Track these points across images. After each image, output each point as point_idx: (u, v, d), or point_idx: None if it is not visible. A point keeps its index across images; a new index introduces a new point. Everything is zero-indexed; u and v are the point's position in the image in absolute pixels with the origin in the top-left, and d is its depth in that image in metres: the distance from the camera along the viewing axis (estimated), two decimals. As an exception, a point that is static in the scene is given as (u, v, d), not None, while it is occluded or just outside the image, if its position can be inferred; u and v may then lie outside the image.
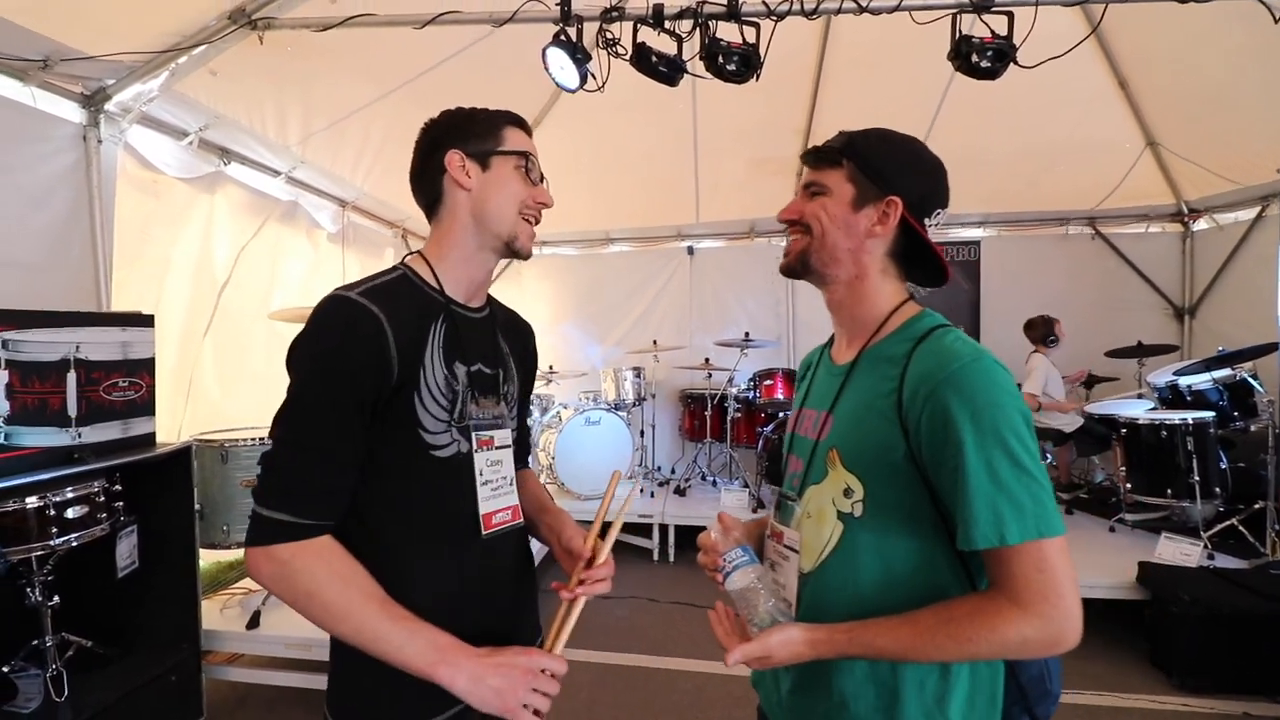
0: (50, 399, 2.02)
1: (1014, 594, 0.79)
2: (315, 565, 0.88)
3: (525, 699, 0.89)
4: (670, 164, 4.98)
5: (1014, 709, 0.94)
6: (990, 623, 0.79)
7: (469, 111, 1.08)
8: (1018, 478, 0.79)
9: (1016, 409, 0.82)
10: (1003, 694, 0.93)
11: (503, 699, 0.88)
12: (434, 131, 1.07)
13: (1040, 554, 0.78)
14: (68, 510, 2.00)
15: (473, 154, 1.05)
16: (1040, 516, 0.79)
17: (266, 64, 2.85)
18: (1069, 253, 5.42)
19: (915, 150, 1.00)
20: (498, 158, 1.06)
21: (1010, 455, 0.80)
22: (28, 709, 1.99)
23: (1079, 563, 0.80)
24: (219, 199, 3.44)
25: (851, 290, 1.01)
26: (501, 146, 1.06)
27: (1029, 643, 0.79)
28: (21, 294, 2.35)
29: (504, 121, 1.08)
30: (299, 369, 0.92)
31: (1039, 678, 0.95)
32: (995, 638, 0.79)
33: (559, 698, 0.96)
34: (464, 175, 1.05)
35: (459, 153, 1.05)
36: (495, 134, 1.07)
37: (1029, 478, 0.80)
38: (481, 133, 1.06)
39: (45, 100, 2.44)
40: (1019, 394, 0.85)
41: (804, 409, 1.11)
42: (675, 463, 5.67)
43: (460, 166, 1.05)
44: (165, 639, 2.36)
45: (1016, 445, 0.80)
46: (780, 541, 1.03)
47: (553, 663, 0.94)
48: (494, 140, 1.06)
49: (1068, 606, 0.79)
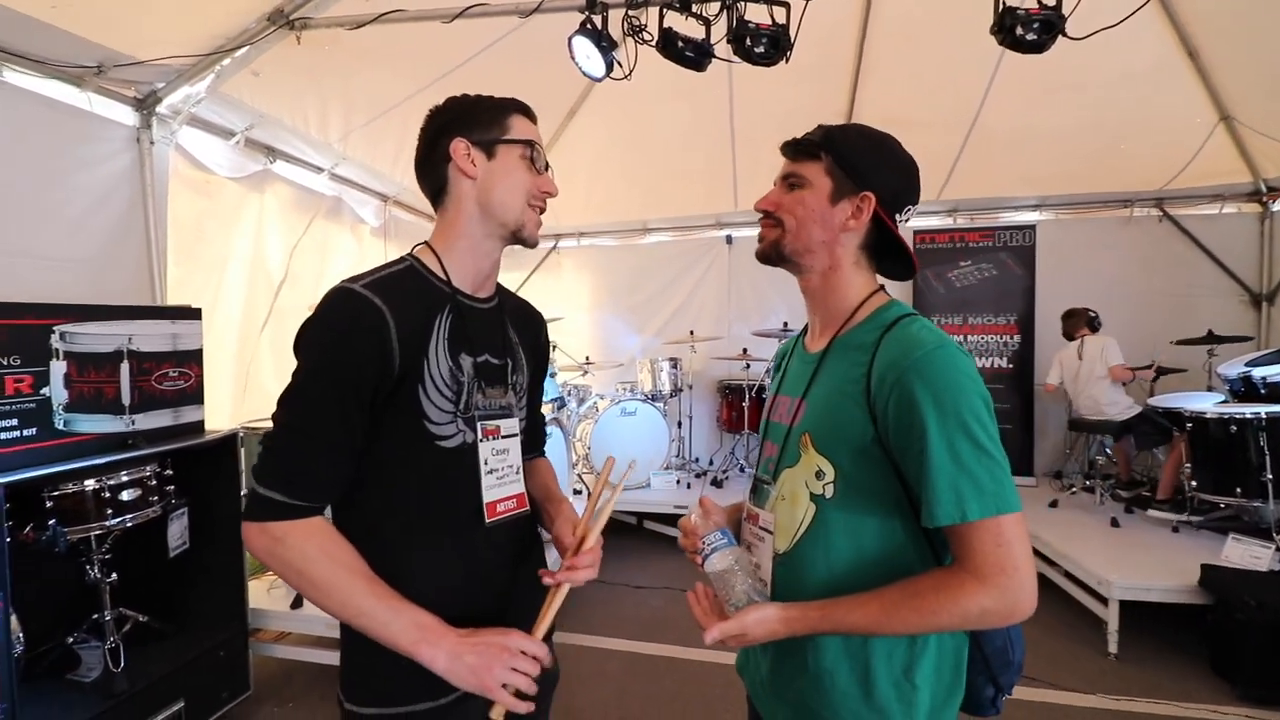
0: (105, 388, 2.14)
1: (974, 568, 0.84)
2: (305, 544, 0.90)
3: (502, 677, 0.91)
4: (708, 151, 4.91)
5: (979, 679, 1.00)
6: (953, 595, 0.84)
7: (474, 99, 1.08)
8: (978, 458, 0.83)
9: (977, 393, 0.86)
10: (968, 664, 0.98)
11: (479, 677, 0.90)
12: (439, 119, 1.07)
13: (999, 529, 0.83)
14: (122, 493, 2.12)
15: (478, 142, 1.05)
16: (998, 495, 0.83)
17: (305, 63, 2.93)
18: (1134, 236, 5.11)
19: (891, 148, 1.03)
20: (503, 146, 1.05)
21: (971, 437, 0.84)
22: (89, 678, 2.12)
23: (1138, 564, 0.79)
24: (268, 197, 3.59)
25: (825, 280, 1.04)
26: (507, 135, 1.06)
27: (988, 613, 0.84)
28: (83, 289, 2.50)
29: (510, 110, 1.08)
30: (304, 356, 0.95)
31: (1002, 649, 0.99)
32: (957, 609, 0.84)
33: (588, 688, 0.97)
34: (469, 164, 1.04)
35: (464, 141, 1.04)
36: (501, 122, 1.06)
37: (988, 458, 0.84)
38: (487, 121, 1.05)
39: (101, 104, 2.58)
40: (979, 379, 0.88)
41: (778, 395, 1.14)
42: (713, 454, 5.62)
43: (465, 155, 1.04)
44: (215, 616, 2.48)
45: (977, 428, 0.84)
46: (756, 524, 1.08)
47: (531, 645, 0.95)
48: (499, 129, 1.05)
49: (1023, 578, 0.83)
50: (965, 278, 5.37)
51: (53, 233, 2.45)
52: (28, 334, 1.91)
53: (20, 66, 2.28)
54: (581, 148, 4.90)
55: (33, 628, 2.10)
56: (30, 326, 1.92)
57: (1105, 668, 2.90)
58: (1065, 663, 2.92)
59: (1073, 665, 2.90)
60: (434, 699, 1.01)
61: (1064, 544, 3.44)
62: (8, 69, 2.24)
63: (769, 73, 2.78)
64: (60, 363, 2.00)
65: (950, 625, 0.86)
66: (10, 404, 1.87)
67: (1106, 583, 2.97)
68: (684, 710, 2.64)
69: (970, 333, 5.30)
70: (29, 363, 1.91)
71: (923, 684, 0.92)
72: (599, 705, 2.67)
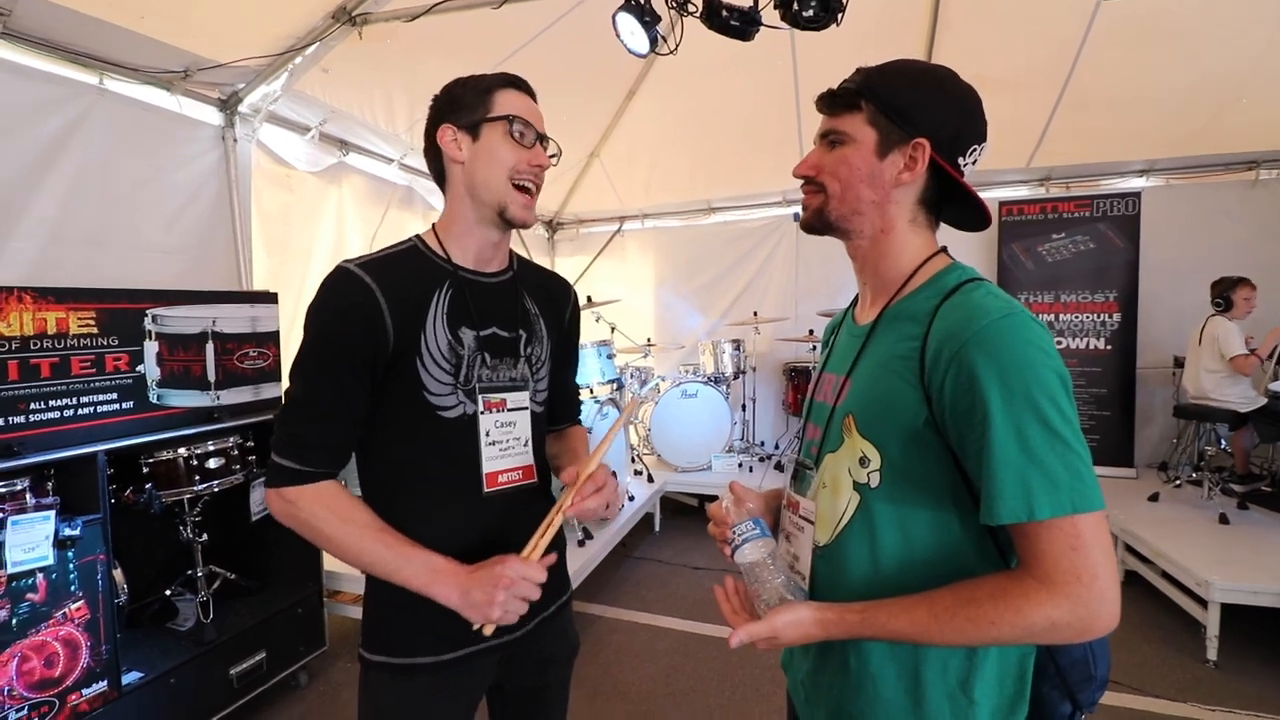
0: (193, 366, 2.35)
1: (1043, 574, 0.72)
2: (316, 506, 0.97)
3: (507, 607, 0.95)
4: (773, 126, 4.74)
5: (1052, 693, 0.86)
6: (1015, 605, 0.73)
7: (463, 81, 1.08)
8: (1051, 446, 0.72)
9: (1051, 369, 0.74)
10: (1041, 676, 0.86)
11: (483, 611, 0.95)
12: (433, 109, 1.09)
13: (1074, 530, 0.71)
14: (209, 461, 2.33)
15: (463, 126, 1.06)
16: (1075, 490, 0.71)
17: (369, 57, 3.06)
18: (1258, 201, 4.53)
19: (943, 81, 0.90)
20: (486, 125, 1.05)
21: (1043, 421, 0.72)
22: (184, 627, 2.36)
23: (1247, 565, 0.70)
24: (345, 189, 3.79)
25: (876, 244, 0.93)
26: (490, 113, 1.05)
27: (1058, 627, 0.72)
28: (178, 277, 2.75)
29: (494, 86, 1.07)
30: (306, 333, 1.01)
31: (1082, 660, 0.86)
32: (1020, 621, 0.73)
33: (638, 664, 0.99)
34: (455, 149, 1.06)
35: (450, 126, 1.06)
36: (484, 101, 1.06)
37: (1064, 446, 0.72)
38: (471, 102, 1.06)
39: (189, 107, 2.80)
40: (1055, 354, 0.75)
41: (824, 373, 1.04)
42: (779, 437, 5.51)
43: (452, 140, 1.06)
44: (294, 577, 2.69)
45: (1050, 410, 0.72)
46: (796, 512, 0.98)
47: (529, 569, 0.98)
48: (482, 108, 1.05)
49: (1102, 588, 0.71)
50: (1058, 251, 4.94)
51: (152, 226, 2.70)
52: (124, 317, 2.12)
53: (119, 75, 2.51)
54: (642, 129, 4.87)
55: (138, 581, 2.36)
56: (126, 310, 2.13)
57: (1201, 675, 2.64)
58: (1154, 667, 2.69)
59: (1163, 670, 2.67)
60: (436, 655, 1.07)
61: (1162, 540, 3.15)
62: (108, 78, 2.48)
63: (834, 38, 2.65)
64: (153, 343, 2.21)
65: (1012, 639, 0.75)
66: (110, 379, 2.09)
67: (1206, 583, 2.70)
68: (732, 690, 2.63)
69: (1063, 311, 4.89)
70: (125, 343, 2.13)
71: (982, 699, 0.82)
72: (647, 681, 2.71)
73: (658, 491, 4.54)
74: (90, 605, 1.91)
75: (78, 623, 1.88)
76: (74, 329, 2.00)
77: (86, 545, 1.90)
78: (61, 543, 1.84)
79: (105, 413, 2.07)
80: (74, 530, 1.86)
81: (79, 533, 1.87)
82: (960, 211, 0.95)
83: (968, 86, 0.90)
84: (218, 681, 2.27)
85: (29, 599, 1.77)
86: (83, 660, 1.89)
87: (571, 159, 5.15)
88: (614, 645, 3.01)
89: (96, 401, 2.05)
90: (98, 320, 2.06)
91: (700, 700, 2.58)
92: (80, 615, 1.88)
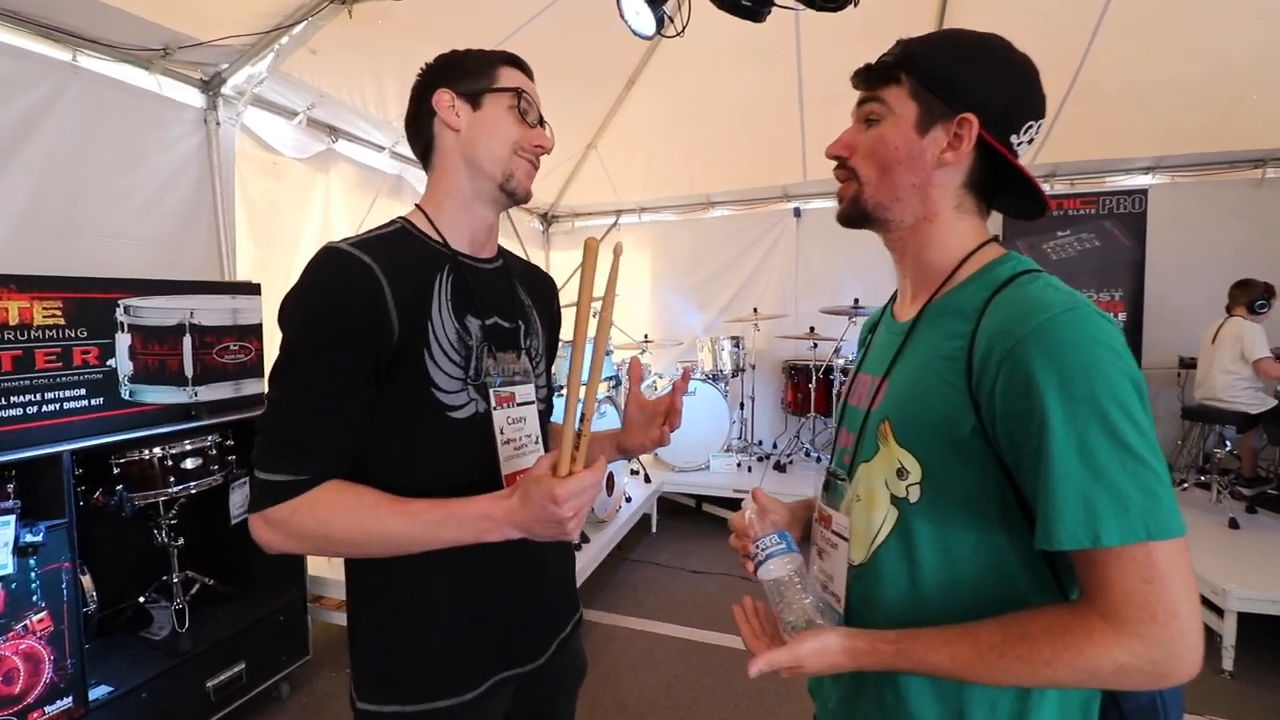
0: (169, 360, 2.21)
1: (1110, 610, 0.63)
2: (315, 510, 0.84)
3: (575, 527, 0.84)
4: (775, 119, 4.64)
5: None
6: (1076, 644, 0.63)
7: (464, 51, 1.01)
8: (1121, 461, 0.62)
9: (1124, 373, 0.63)
10: None
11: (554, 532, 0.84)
12: (426, 74, 1.01)
13: (1148, 560, 0.61)
14: (185, 461, 2.21)
15: (463, 93, 0.98)
16: (1151, 513, 0.61)
17: (359, 39, 2.93)
18: (1265, 200, 4.46)
19: (995, 50, 0.80)
20: (490, 95, 0.98)
21: (1111, 431, 0.62)
22: (159, 636, 2.23)
23: (1261, 571, 0.59)
24: (333, 176, 3.65)
25: (917, 233, 0.84)
26: (494, 84, 0.99)
27: (1127, 671, 0.62)
28: (156, 265, 2.61)
29: (499, 60, 1.01)
30: (289, 326, 0.89)
31: (1149, 707, 0.76)
32: (1082, 663, 0.63)
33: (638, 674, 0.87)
34: (453, 115, 0.98)
35: (449, 91, 0.98)
36: (488, 72, 0.99)
37: (1137, 461, 0.62)
38: (474, 70, 0.99)
39: (170, 87, 2.66)
40: (1128, 355, 0.64)
41: (859, 374, 0.94)
42: (777, 437, 5.41)
43: (449, 106, 0.98)
44: (276, 582, 2.56)
45: (1121, 419, 0.62)
46: (828, 527, 0.89)
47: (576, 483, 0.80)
48: (486, 79, 0.99)
49: (1182, 628, 0.61)
50: (1063, 249, 4.87)
51: (128, 213, 2.55)
52: (93, 307, 1.99)
53: (93, 51, 2.37)
54: (641, 120, 4.75)
55: (109, 587, 2.23)
56: (95, 300, 2.00)
57: (1218, 686, 2.56)
58: (1170, 678, 2.61)
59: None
60: (459, 694, 0.95)
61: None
62: (82, 54, 2.34)
63: (840, 26, 2.54)
64: (125, 335, 2.07)
65: (1070, 683, 0.65)
66: (79, 374, 1.95)
67: (1222, 591, 2.62)
68: (736, 704, 2.53)
69: (1066, 311, 4.83)
70: (95, 335, 1.99)
71: None
72: (647, 693, 2.60)
73: (655, 492, 4.43)
74: (54, 616, 1.78)
75: (40, 635, 1.75)
76: (38, 320, 1.86)
77: (50, 552, 1.77)
78: (22, 550, 1.71)
79: (72, 410, 1.94)
80: (36, 536, 1.73)
81: (41, 539, 1.74)
82: (1014, 198, 0.86)
83: (1022, 55, 0.80)
84: (193, 694, 2.14)
85: (-14, 610, 1.65)
86: (45, 675, 1.76)
87: (568, 150, 5.03)
88: (612, 654, 2.90)
89: (63, 398, 1.92)
90: (65, 310, 1.92)
91: (704, 713, 2.48)
92: (43, 627, 1.76)
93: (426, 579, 0.95)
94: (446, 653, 0.95)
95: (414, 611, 0.95)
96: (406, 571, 0.94)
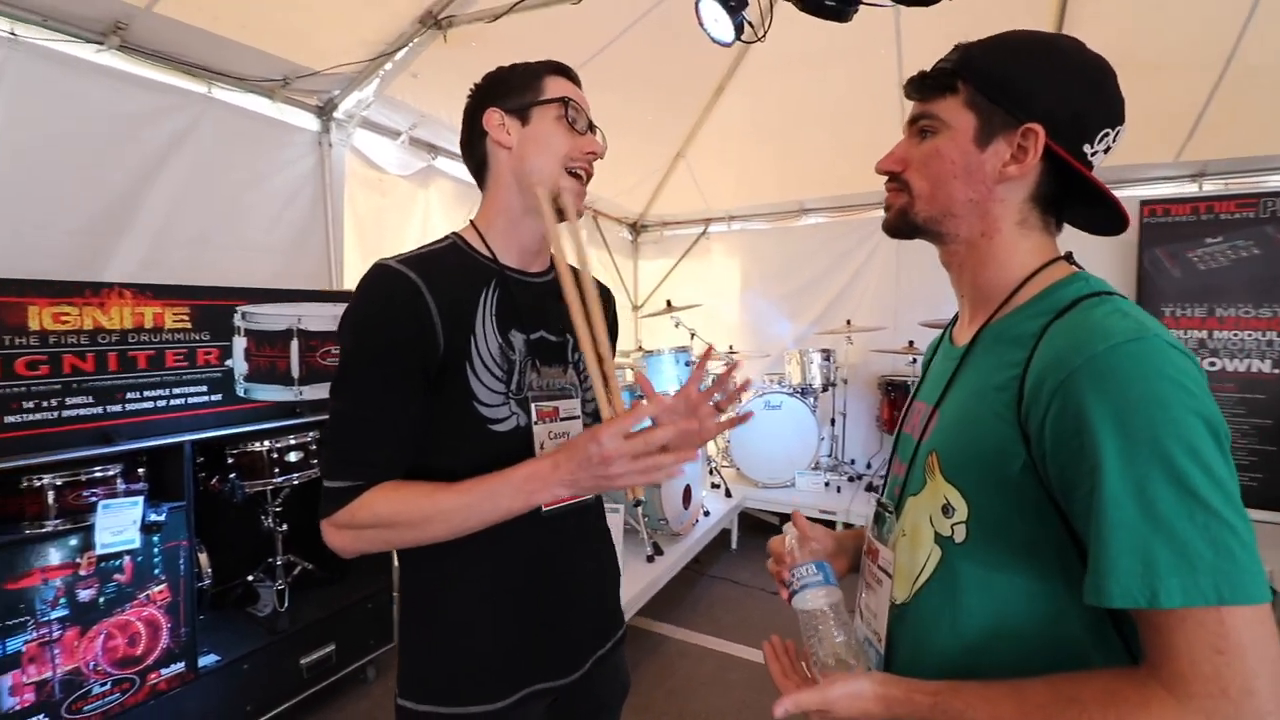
0: (278, 362, 2.43)
1: (1174, 680, 0.55)
2: (373, 506, 0.88)
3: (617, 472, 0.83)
4: (872, 121, 4.41)
5: None
6: (1132, 714, 0.56)
7: (509, 67, 1.03)
8: (1190, 513, 0.54)
9: (1193, 410, 0.56)
10: None
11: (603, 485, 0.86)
12: (475, 94, 1.04)
13: (1220, 627, 0.54)
14: (290, 454, 2.41)
15: (511, 110, 1.00)
16: (1224, 573, 0.53)
17: (455, 61, 3.08)
18: None
19: (1062, 51, 0.73)
20: (537, 109, 0.99)
21: (1177, 478, 0.55)
22: (263, 613, 2.44)
23: None
24: (433, 192, 3.88)
25: (974, 250, 0.78)
26: (540, 97, 1.00)
27: None
28: (274, 276, 2.87)
29: (543, 71, 1.02)
30: (343, 339, 0.94)
31: None
32: None
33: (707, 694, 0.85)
34: (503, 134, 1.00)
35: (497, 110, 1.00)
36: (534, 85, 1.00)
37: (1209, 514, 0.54)
38: (519, 85, 1.00)
39: (289, 113, 2.93)
40: (1203, 390, 0.56)
41: (915, 402, 0.89)
42: (871, 456, 5.13)
43: (499, 125, 1.00)
44: (366, 572, 2.73)
45: (1188, 464, 0.55)
46: (875, 561, 0.84)
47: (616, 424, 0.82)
48: (532, 92, 1.00)
49: (1258, 708, 0.53)
50: (1212, 258, 4.29)
51: (252, 227, 2.83)
52: (214, 313, 2.22)
53: (225, 84, 2.65)
54: (731, 127, 4.69)
55: (224, 565, 2.46)
56: (217, 307, 2.23)
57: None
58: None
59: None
60: (491, 702, 0.97)
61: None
62: (215, 86, 2.62)
63: (944, 18, 2.37)
64: (241, 339, 2.30)
65: None
66: (201, 373, 2.18)
67: None
68: (805, 734, 2.41)
69: (1217, 327, 4.23)
70: (216, 338, 2.22)
71: None
72: (716, 715, 2.53)
73: (736, 507, 4.33)
74: (172, 589, 1.99)
75: (160, 605, 1.96)
76: (169, 324, 2.11)
77: (171, 530, 1.98)
78: (148, 527, 1.92)
79: (195, 404, 2.17)
80: (159, 516, 1.95)
81: (164, 518, 1.96)
82: (1089, 211, 0.77)
83: (1095, 56, 0.72)
84: (289, 670, 2.33)
85: (116, 580, 1.86)
86: (163, 641, 1.97)
87: (657, 161, 5.05)
88: (682, 671, 2.85)
89: (188, 393, 2.15)
90: (191, 316, 2.16)
91: (770, 741, 2.38)
92: (162, 598, 1.97)
93: (461, 587, 0.98)
94: (478, 660, 0.97)
95: (449, 618, 0.98)
96: (442, 579, 0.98)
